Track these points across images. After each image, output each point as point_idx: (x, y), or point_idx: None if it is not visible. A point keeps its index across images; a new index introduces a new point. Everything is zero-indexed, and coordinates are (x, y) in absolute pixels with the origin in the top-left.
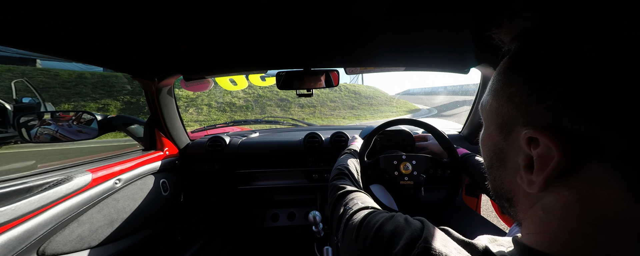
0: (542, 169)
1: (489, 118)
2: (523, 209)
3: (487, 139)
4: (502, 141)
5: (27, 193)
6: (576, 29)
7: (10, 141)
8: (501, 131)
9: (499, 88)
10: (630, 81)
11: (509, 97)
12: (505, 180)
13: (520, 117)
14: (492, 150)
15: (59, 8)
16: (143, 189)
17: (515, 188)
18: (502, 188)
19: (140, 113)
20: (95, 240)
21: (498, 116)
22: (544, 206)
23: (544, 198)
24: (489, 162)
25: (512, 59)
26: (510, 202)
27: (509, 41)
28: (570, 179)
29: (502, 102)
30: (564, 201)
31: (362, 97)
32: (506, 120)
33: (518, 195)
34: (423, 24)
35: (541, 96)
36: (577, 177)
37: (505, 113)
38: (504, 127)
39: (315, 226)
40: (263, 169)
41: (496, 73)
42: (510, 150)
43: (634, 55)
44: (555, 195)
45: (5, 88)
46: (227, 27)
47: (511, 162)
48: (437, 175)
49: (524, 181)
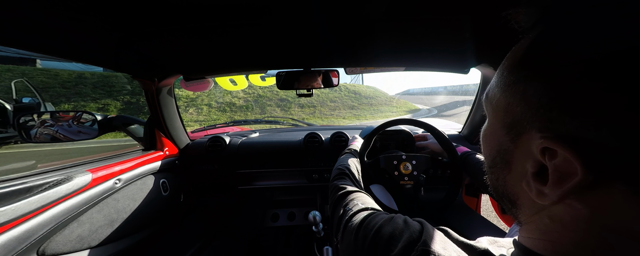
0: (559, 184)
1: (495, 114)
2: (527, 213)
3: (490, 136)
4: (508, 142)
5: (27, 193)
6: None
7: (10, 141)
8: (509, 131)
9: (510, 83)
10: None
11: (523, 96)
12: (508, 183)
13: (535, 121)
14: (495, 149)
15: (59, 8)
16: (143, 189)
17: (520, 192)
18: (505, 190)
19: (140, 113)
20: (95, 240)
21: (506, 114)
22: (552, 215)
23: (552, 207)
24: (491, 161)
25: (530, 52)
26: (513, 204)
27: (530, 26)
28: (586, 193)
29: (513, 100)
30: (575, 214)
31: (362, 97)
32: (516, 120)
33: (522, 199)
34: (423, 24)
35: (566, 102)
36: (594, 192)
37: (516, 113)
38: (512, 127)
39: (315, 226)
40: (263, 169)
41: (507, 64)
42: (518, 153)
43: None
44: (567, 207)
45: (5, 88)
46: (227, 27)
47: (518, 165)
48: (437, 175)
49: (533, 190)
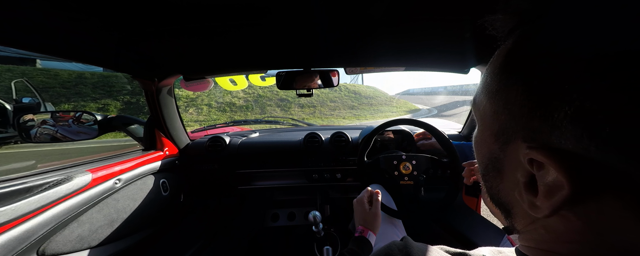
0: (548, 197)
1: (483, 121)
2: (522, 223)
3: (481, 143)
4: (498, 150)
5: (27, 193)
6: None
7: (10, 141)
8: (497, 140)
9: (495, 91)
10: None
11: (506, 104)
12: (502, 192)
13: (519, 130)
14: (487, 157)
15: (59, 8)
16: (143, 189)
17: (513, 201)
18: (499, 198)
19: (140, 113)
20: (95, 240)
21: (494, 122)
22: (547, 226)
23: (547, 218)
24: (484, 169)
25: (510, 58)
26: (508, 213)
27: (507, 32)
28: (578, 205)
29: (498, 108)
30: (569, 225)
31: (362, 97)
32: (503, 129)
33: (517, 208)
34: (423, 24)
35: (546, 111)
36: (585, 205)
37: (502, 121)
38: (500, 135)
39: (315, 226)
40: (263, 169)
41: (490, 69)
42: (508, 162)
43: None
44: (561, 218)
45: (5, 88)
46: (227, 27)
47: (509, 174)
48: (437, 175)
49: (525, 202)
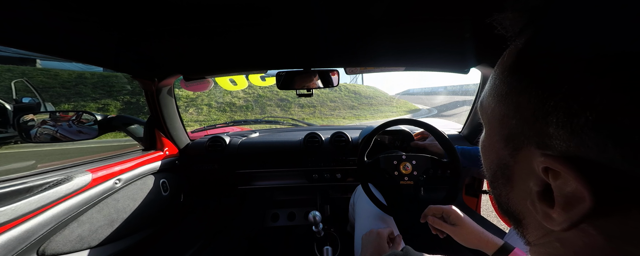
0: (566, 209)
1: (491, 125)
2: (535, 234)
3: (489, 148)
4: (508, 156)
5: (27, 193)
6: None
7: (10, 141)
8: (507, 145)
9: (504, 93)
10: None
11: (517, 108)
12: (511, 200)
13: (532, 136)
14: (495, 163)
15: (59, 8)
16: (143, 189)
17: (525, 211)
18: (509, 207)
19: (140, 113)
20: (95, 240)
21: (503, 126)
22: (562, 239)
23: (564, 231)
24: (492, 176)
25: (521, 58)
26: (519, 223)
27: (517, 32)
28: (600, 219)
29: (508, 111)
30: (589, 240)
31: (362, 97)
32: (513, 134)
33: (529, 219)
34: (423, 24)
35: (564, 116)
36: (609, 219)
37: (512, 125)
38: (510, 140)
39: (315, 226)
40: (263, 169)
41: (499, 70)
42: (519, 170)
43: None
44: (580, 233)
45: (5, 88)
46: (227, 27)
47: (520, 183)
48: (437, 175)
49: (539, 213)
